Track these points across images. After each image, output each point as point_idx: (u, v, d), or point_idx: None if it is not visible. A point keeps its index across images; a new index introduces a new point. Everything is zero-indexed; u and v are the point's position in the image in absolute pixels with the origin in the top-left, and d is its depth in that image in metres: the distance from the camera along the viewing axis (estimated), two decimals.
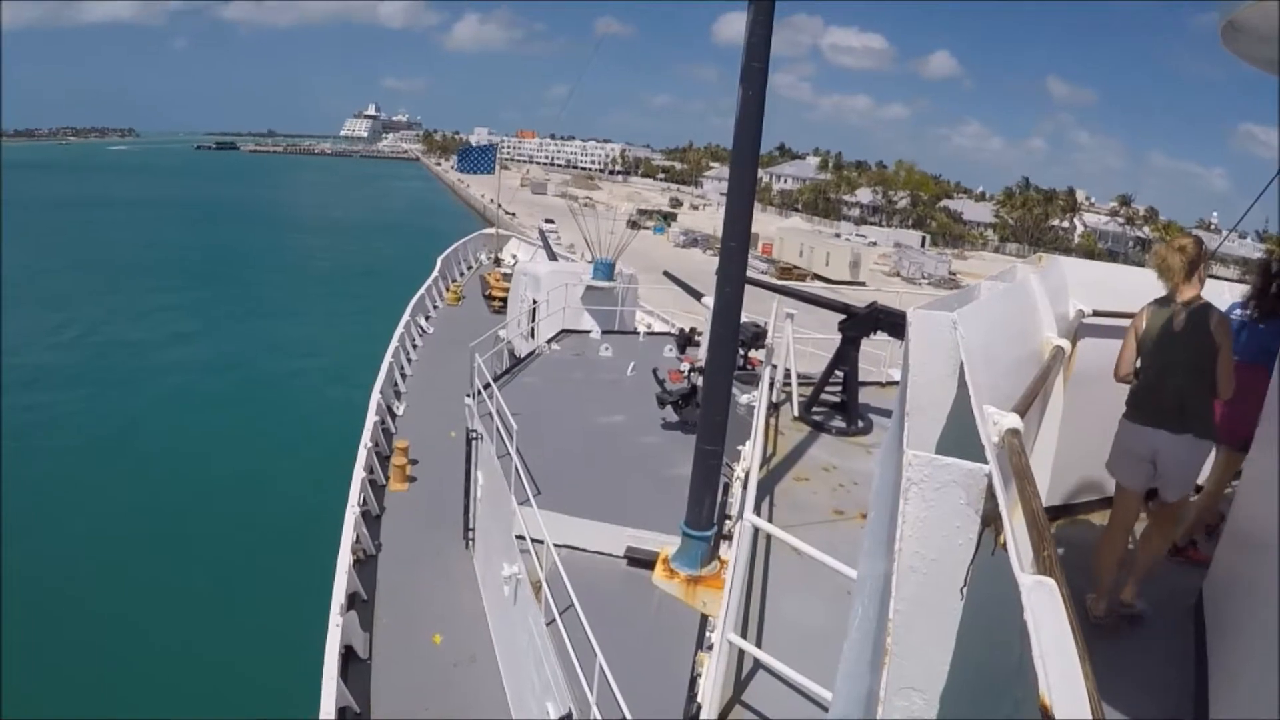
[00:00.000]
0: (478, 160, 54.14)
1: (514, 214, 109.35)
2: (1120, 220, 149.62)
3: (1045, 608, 2.01)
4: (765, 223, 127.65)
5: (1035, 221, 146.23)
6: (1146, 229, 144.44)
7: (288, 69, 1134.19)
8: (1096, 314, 9.06)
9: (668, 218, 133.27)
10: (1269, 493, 6.31)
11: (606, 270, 27.94)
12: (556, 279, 27.60)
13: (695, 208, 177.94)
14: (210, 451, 35.08)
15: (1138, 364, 7.67)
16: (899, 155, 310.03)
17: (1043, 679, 1.75)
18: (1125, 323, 9.33)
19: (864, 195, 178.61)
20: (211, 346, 52.60)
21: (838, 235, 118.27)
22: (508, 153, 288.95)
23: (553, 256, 34.05)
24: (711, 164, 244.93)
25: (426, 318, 34.57)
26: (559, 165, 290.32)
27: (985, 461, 2.92)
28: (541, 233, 42.58)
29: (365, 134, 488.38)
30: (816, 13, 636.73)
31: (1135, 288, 10.08)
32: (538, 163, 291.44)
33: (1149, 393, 7.48)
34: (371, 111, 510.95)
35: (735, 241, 8.49)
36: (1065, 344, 6.86)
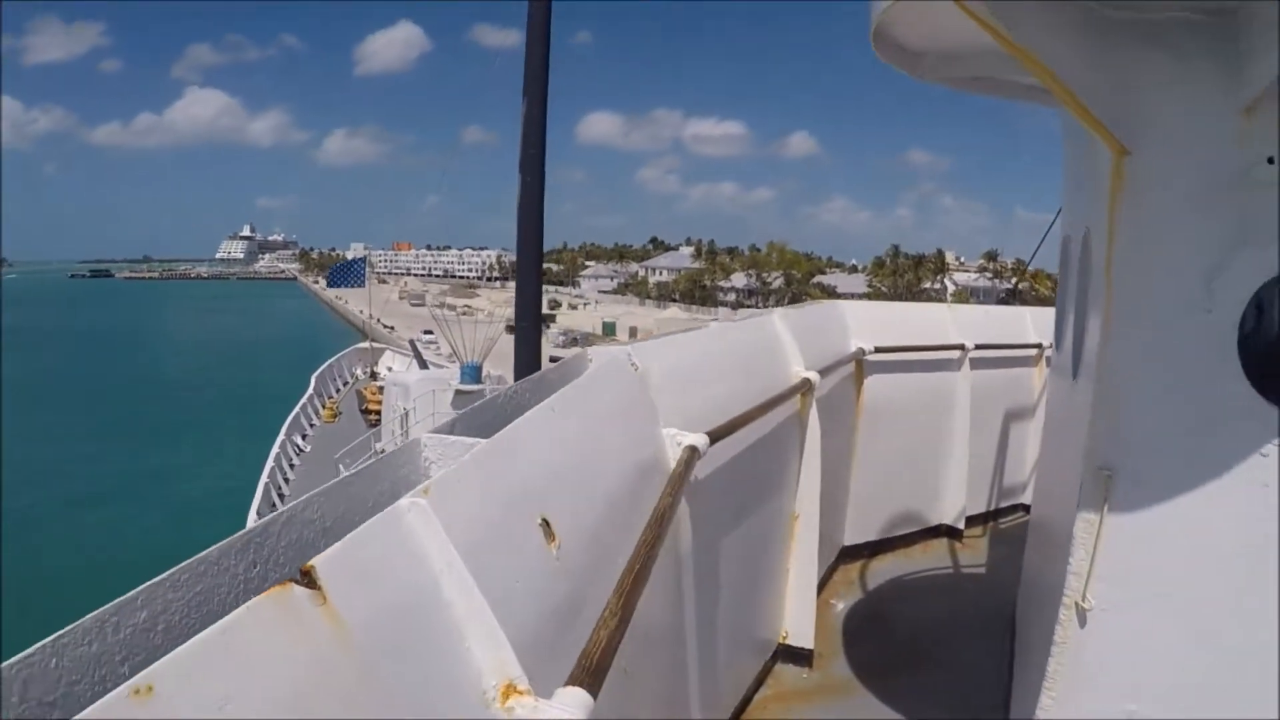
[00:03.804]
0: (348, 274, 54.34)
1: (392, 327, 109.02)
2: (989, 275, 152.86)
3: (412, 526, 2.36)
4: (643, 316, 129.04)
5: (908, 286, 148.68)
6: (1015, 280, 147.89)
7: (160, 192, 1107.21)
8: (879, 350, 9.35)
9: (546, 319, 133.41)
10: (1050, 497, 6.65)
11: (474, 373, 28.24)
12: (425, 386, 27.90)
13: (574, 307, 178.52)
14: (88, 586, 33.15)
15: None
16: (770, 236, 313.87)
17: None
18: (909, 358, 9.76)
19: (739, 280, 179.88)
20: (90, 474, 50.86)
21: (715, 320, 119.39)
22: (385, 266, 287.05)
23: (424, 365, 34.20)
24: (587, 263, 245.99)
25: (303, 436, 34.44)
26: (437, 276, 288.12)
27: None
28: (412, 343, 42.76)
29: (242, 255, 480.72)
30: (676, 107, 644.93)
31: (916, 322, 10.56)
32: (415, 274, 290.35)
33: None
34: (247, 232, 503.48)
35: (527, 321, 8.75)
36: (814, 376, 7.10)
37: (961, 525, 10.61)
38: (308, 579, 1.91)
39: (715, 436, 4.67)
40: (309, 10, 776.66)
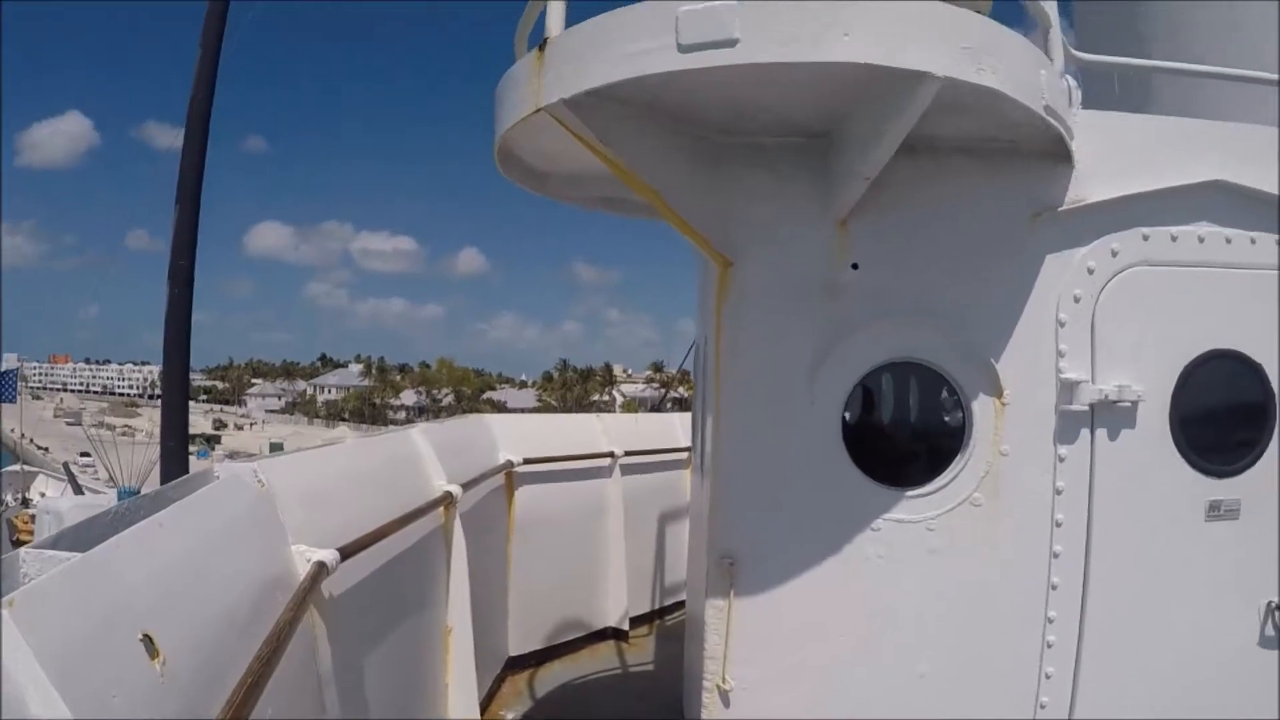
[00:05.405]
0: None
1: (46, 449, 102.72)
2: (656, 385, 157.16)
3: None
4: (312, 435, 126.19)
5: (577, 399, 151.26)
6: (682, 389, 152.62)
7: None
8: (528, 461, 9.55)
9: (211, 440, 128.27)
10: (695, 589, 6.91)
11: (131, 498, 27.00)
12: (80, 514, 26.20)
13: (240, 427, 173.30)
14: None
15: None
16: (440, 353, 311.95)
17: None
18: (559, 467, 10.00)
19: (409, 397, 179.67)
20: None
21: None
22: (40, 380, 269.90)
23: (79, 491, 32.38)
24: (254, 380, 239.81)
25: None
26: (96, 392, 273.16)
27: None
28: (66, 466, 40.49)
29: None
30: (346, 219, 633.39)
31: (566, 433, 10.87)
32: (73, 390, 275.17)
33: None
34: None
35: (175, 440, 8.51)
36: (456, 489, 7.11)
37: (626, 626, 10.87)
38: None
39: (348, 552, 4.70)
40: None
